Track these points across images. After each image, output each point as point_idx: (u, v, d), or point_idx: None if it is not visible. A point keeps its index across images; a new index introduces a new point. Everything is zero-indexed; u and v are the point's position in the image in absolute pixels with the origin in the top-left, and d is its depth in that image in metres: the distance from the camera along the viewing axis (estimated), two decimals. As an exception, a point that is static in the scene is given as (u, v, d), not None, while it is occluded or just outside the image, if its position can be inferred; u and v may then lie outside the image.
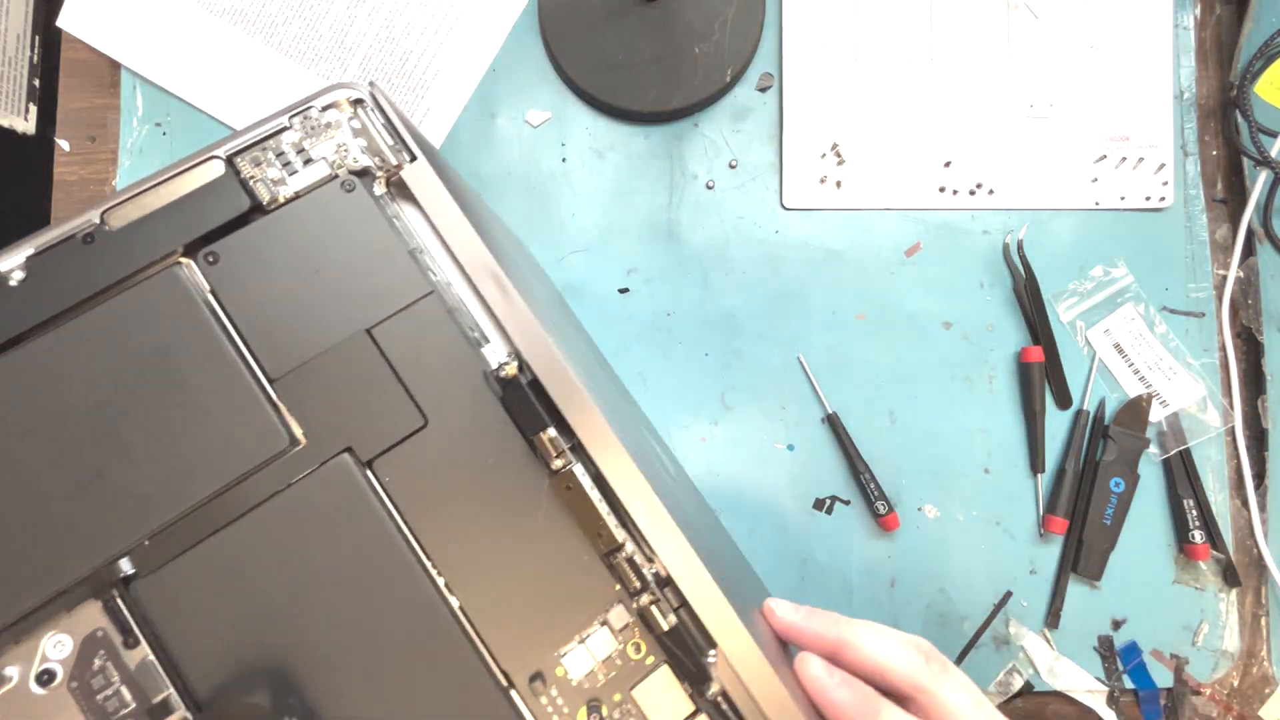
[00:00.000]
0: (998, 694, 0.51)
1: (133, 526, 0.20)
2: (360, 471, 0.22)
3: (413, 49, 0.53)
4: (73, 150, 0.54)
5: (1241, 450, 0.53)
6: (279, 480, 0.21)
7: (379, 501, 0.22)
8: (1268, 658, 0.52)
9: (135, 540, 0.20)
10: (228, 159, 0.23)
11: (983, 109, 0.54)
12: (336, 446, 0.22)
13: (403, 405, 0.22)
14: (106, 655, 0.20)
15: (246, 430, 0.21)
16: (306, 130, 0.24)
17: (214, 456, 0.21)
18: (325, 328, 0.22)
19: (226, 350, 0.22)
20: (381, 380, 0.22)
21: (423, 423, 0.22)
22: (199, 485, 0.21)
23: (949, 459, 0.52)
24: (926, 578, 0.51)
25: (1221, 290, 0.54)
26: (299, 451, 0.21)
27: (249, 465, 0.21)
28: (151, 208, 0.22)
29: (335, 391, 0.22)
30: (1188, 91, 0.55)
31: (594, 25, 0.52)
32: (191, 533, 0.21)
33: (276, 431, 0.21)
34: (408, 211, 0.24)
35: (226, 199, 0.23)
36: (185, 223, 0.22)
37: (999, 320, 0.54)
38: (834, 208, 0.54)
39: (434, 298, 0.23)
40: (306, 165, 0.23)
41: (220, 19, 0.53)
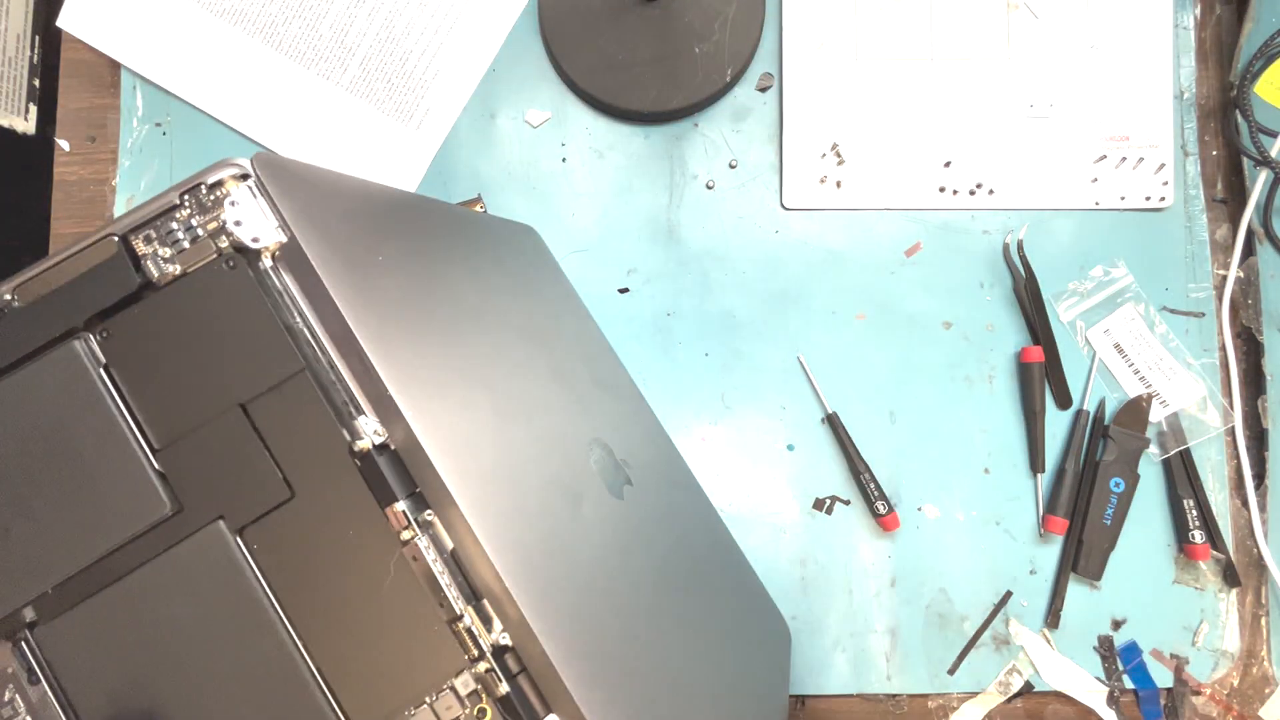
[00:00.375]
0: (998, 694, 0.51)
1: (36, 579, 0.23)
2: (232, 538, 0.24)
3: (413, 49, 0.53)
4: (73, 150, 0.54)
5: (1241, 450, 0.53)
6: (160, 543, 0.23)
7: (248, 566, 0.23)
8: (1268, 658, 0.52)
9: (38, 591, 0.23)
10: (121, 238, 0.25)
11: (983, 109, 0.54)
12: (211, 515, 0.24)
13: (272, 478, 0.24)
14: (15, 689, 0.23)
15: (133, 497, 0.23)
16: (196, 206, 0.25)
17: (105, 519, 0.23)
18: (205, 401, 0.24)
19: (116, 422, 0.24)
20: (254, 453, 0.24)
21: (289, 495, 0.24)
22: (93, 545, 0.23)
23: (949, 459, 0.52)
24: (926, 578, 0.51)
25: (1221, 290, 0.54)
26: (177, 518, 0.24)
27: (135, 529, 0.23)
28: (54, 285, 0.24)
29: (211, 463, 0.24)
30: (1188, 91, 0.55)
31: (594, 25, 0.52)
32: (86, 586, 0.23)
33: (159, 499, 0.23)
34: (291, 282, 0.25)
35: (119, 277, 0.24)
36: (83, 300, 0.24)
37: (999, 320, 0.54)
38: (834, 208, 0.54)
39: (304, 375, 0.24)
40: (194, 242, 0.25)
41: (220, 19, 0.53)
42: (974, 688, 0.51)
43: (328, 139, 0.53)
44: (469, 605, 0.23)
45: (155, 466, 0.24)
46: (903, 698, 0.51)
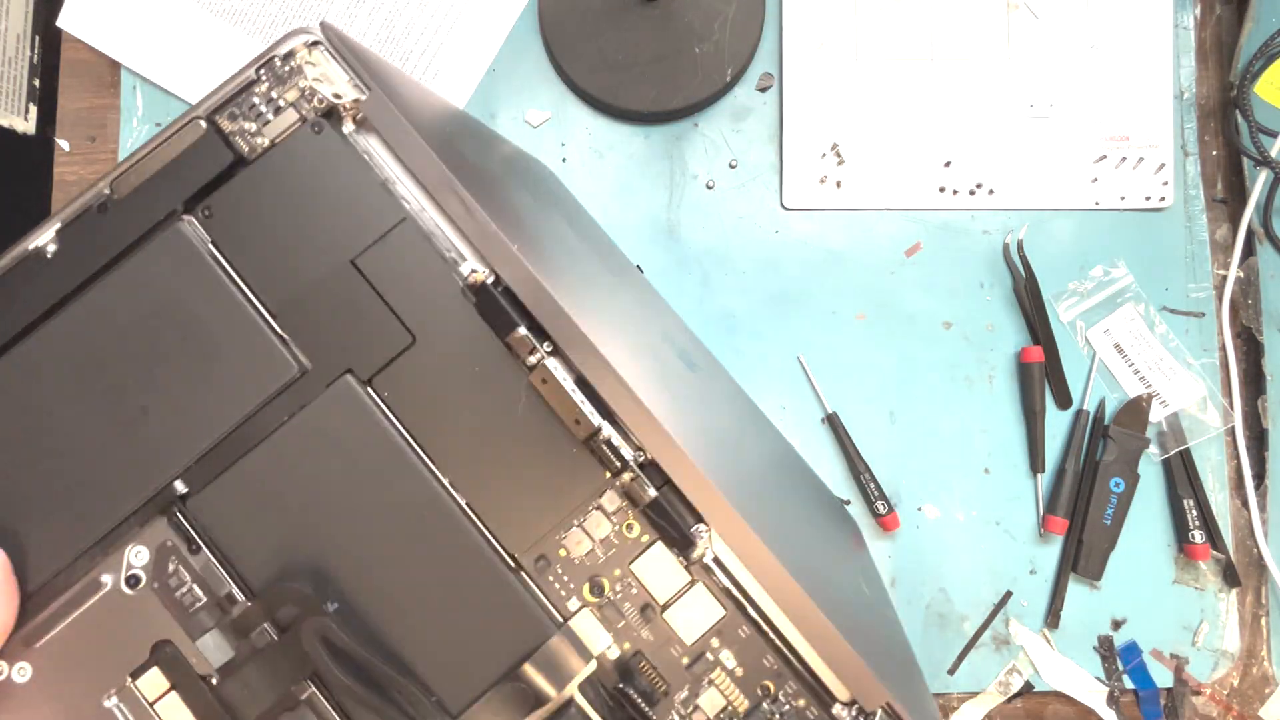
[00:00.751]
0: (998, 694, 0.51)
1: (181, 453, 0.24)
2: (362, 389, 0.24)
3: (413, 49, 0.53)
4: (73, 150, 0.54)
5: (1241, 450, 0.53)
6: (294, 403, 0.24)
7: (382, 414, 0.24)
8: (1268, 658, 0.52)
9: (185, 464, 0.24)
10: (208, 118, 0.25)
11: (983, 109, 0.54)
12: (338, 369, 0.24)
13: (392, 326, 0.24)
14: (177, 560, 0.24)
15: (261, 362, 0.24)
16: (273, 79, 0.25)
17: (237, 387, 0.24)
18: (314, 262, 0.25)
19: (233, 295, 0.24)
20: (370, 305, 0.25)
21: (411, 340, 0.24)
22: (230, 412, 0.24)
23: (949, 459, 0.52)
24: (926, 578, 0.51)
25: (1221, 290, 0.54)
26: (307, 377, 0.24)
27: (267, 392, 0.24)
28: (149, 172, 0.25)
29: (331, 320, 0.25)
30: (1188, 91, 0.55)
31: (594, 25, 0.52)
32: (230, 453, 0.24)
33: (285, 361, 0.24)
34: (375, 144, 0.25)
35: (212, 156, 0.25)
36: (180, 183, 0.25)
37: (999, 320, 0.54)
38: (834, 208, 0.54)
39: (408, 224, 0.25)
40: (277, 114, 0.25)
41: (220, 19, 0.53)
42: (974, 688, 0.51)
43: (328, 139, 0.53)
44: (605, 419, 0.24)
45: (277, 330, 0.24)
46: (903, 698, 0.51)
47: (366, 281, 0.25)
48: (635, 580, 0.24)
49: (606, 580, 0.24)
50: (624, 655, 0.24)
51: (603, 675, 0.24)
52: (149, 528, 0.24)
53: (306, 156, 0.25)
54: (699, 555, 0.24)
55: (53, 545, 0.24)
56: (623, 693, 0.23)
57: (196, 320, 0.24)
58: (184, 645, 0.24)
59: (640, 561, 0.24)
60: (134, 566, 0.24)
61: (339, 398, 0.24)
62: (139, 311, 0.24)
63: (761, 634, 0.24)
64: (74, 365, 0.24)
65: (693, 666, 0.24)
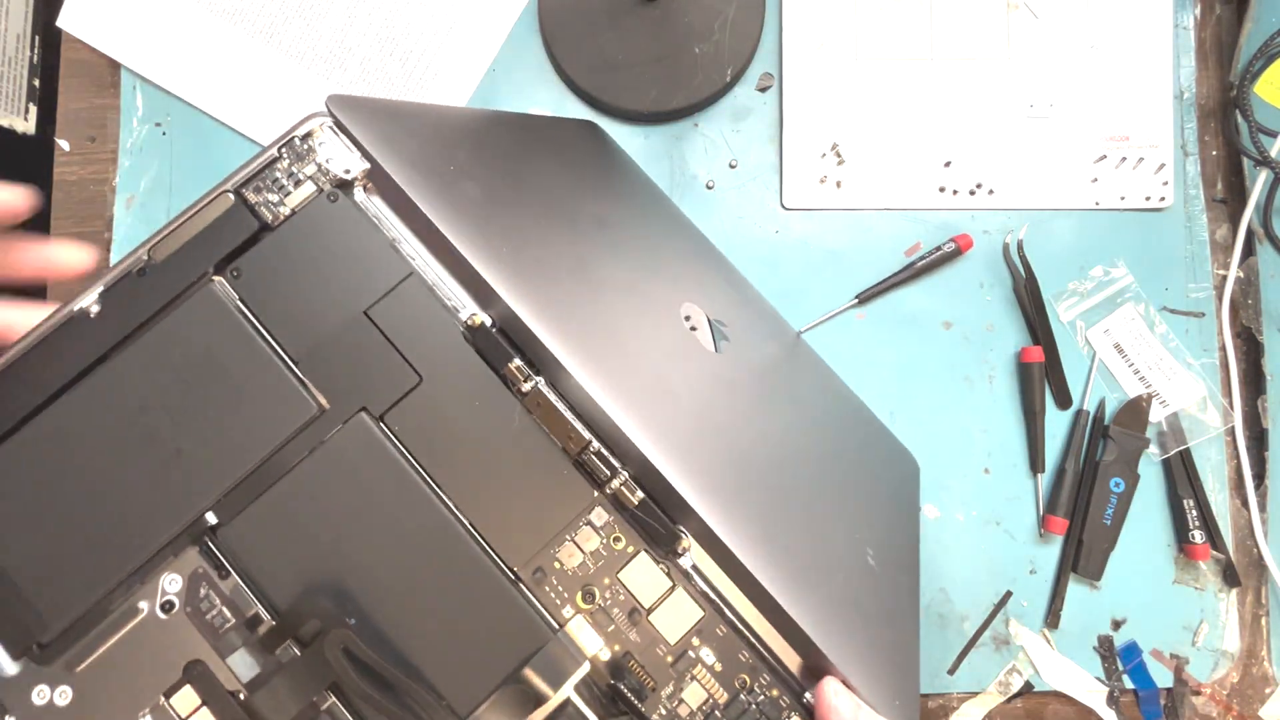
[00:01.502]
0: (998, 694, 0.51)
1: (211, 487, 0.26)
2: (375, 425, 0.27)
3: (413, 49, 0.53)
4: (73, 150, 0.54)
5: (1241, 450, 0.53)
6: (314, 439, 0.27)
7: (393, 447, 0.27)
8: (1268, 658, 0.52)
9: (215, 498, 0.26)
10: (235, 191, 0.28)
11: (983, 109, 0.54)
12: (354, 408, 0.27)
13: (401, 368, 0.27)
14: (208, 586, 0.26)
15: (283, 404, 0.27)
16: (292, 156, 0.29)
17: (262, 427, 0.27)
18: (331, 314, 0.28)
19: (258, 344, 0.27)
20: (381, 350, 0.27)
21: (419, 379, 0.27)
22: (256, 450, 0.26)
23: (949, 459, 0.52)
24: (926, 578, 0.51)
25: (1221, 290, 0.54)
26: (325, 416, 0.27)
27: (290, 430, 0.27)
28: (184, 239, 0.28)
29: (346, 364, 0.27)
30: (1188, 91, 0.55)
31: (594, 25, 0.52)
32: (256, 487, 0.26)
33: (306, 402, 0.27)
34: (383, 206, 0.29)
35: (239, 225, 0.28)
36: (210, 248, 0.28)
37: (999, 320, 0.54)
38: (834, 208, 0.54)
39: (414, 278, 0.28)
40: (297, 186, 0.28)
41: (220, 19, 0.53)
42: (974, 688, 0.51)
43: (328, 139, 0.53)
44: (594, 435, 0.27)
45: (298, 375, 0.27)
46: (903, 698, 0.51)
47: (378, 329, 0.27)
48: (623, 587, 0.27)
49: (597, 588, 0.27)
50: (615, 656, 0.26)
51: (596, 675, 0.26)
52: (182, 557, 0.26)
53: (323, 222, 0.28)
54: (684, 548, 0.26)
55: (94, 575, 0.26)
56: (615, 690, 0.25)
57: (225, 369, 0.27)
58: (214, 664, 0.25)
59: (626, 570, 0.27)
60: (168, 593, 0.26)
61: (354, 433, 0.27)
62: (174, 363, 0.27)
63: (736, 632, 0.27)
64: (116, 412, 0.27)
65: (676, 664, 0.26)
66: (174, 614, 0.26)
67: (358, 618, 0.26)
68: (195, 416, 0.26)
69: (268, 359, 0.27)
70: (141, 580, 0.26)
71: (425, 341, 0.27)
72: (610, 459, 0.27)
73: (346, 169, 0.28)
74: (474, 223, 0.28)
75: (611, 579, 0.27)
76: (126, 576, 0.26)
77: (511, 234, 0.31)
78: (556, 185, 0.39)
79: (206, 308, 0.27)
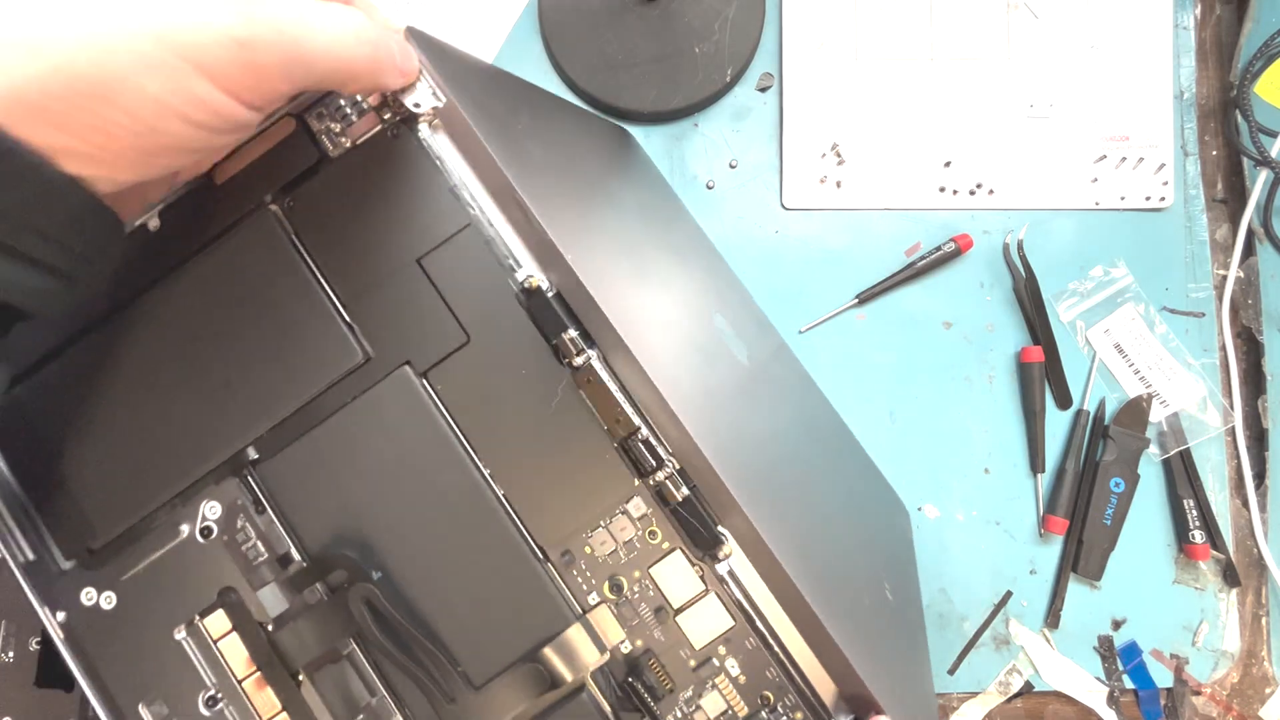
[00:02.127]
0: (998, 694, 0.51)
1: (256, 423, 0.26)
2: (418, 381, 0.26)
3: (413, 49, 0.53)
4: (73, 150, 0.54)
5: (1241, 450, 0.53)
6: (357, 387, 0.26)
7: (434, 406, 0.26)
8: (1268, 658, 0.52)
9: (258, 433, 0.26)
10: (298, 116, 0.27)
11: (983, 109, 0.54)
12: (398, 360, 0.26)
13: (449, 325, 0.26)
14: (245, 518, 0.26)
15: (330, 347, 0.26)
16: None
17: (308, 368, 0.26)
18: (384, 258, 0.27)
19: (310, 282, 0.26)
20: (431, 303, 0.26)
21: (466, 339, 0.26)
22: (300, 390, 0.26)
23: (949, 459, 0.52)
24: (926, 578, 0.51)
25: (1221, 290, 0.54)
26: (369, 365, 0.26)
27: (334, 376, 0.26)
28: (245, 162, 0.27)
29: (395, 313, 0.26)
30: (1188, 91, 0.55)
31: (594, 25, 0.52)
32: (298, 427, 0.26)
33: (352, 349, 0.26)
34: (448, 148, 0.27)
35: (300, 153, 0.27)
36: (270, 175, 0.27)
37: (999, 320, 0.54)
38: (834, 208, 0.54)
39: (471, 229, 0.27)
40: (361, 116, 0.27)
41: (220, 19, 0.53)
42: (974, 688, 0.51)
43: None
44: (643, 421, 0.26)
45: (346, 319, 0.26)
46: (903, 698, 0.51)
47: (430, 281, 0.26)
48: (653, 583, 0.26)
49: (625, 580, 0.26)
50: (635, 651, 0.26)
51: (614, 667, 0.26)
52: (223, 485, 0.27)
53: (383, 159, 0.27)
54: (726, 554, 0.25)
55: (142, 493, 0.26)
56: (631, 686, 0.25)
57: (274, 303, 0.26)
58: (245, 594, 0.26)
59: (659, 566, 0.26)
60: (208, 519, 0.27)
61: (396, 387, 0.26)
62: (227, 291, 0.27)
63: (767, 647, 0.26)
64: (169, 336, 0.27)
65: (699, 670, 0.26)
66: (212, 540, 0.26)
67: (383, 572, 0.26)
68: (243, 349, 0.26)
69: (317, 298, 0.26)
70: (184, 503, 0.27)
71: (477, 299, 0.26)
72: (658, 448, 0.25)
73: (416, 103, 0.26)
74: (538, 183, 0.27)
75: (642, 573, 0.26)
76: (171, 498, 0.26)
77: (568, 204, 0.29)
78: (604, 175, 0.38)
79: (259, 236, 0.27)
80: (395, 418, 0.26)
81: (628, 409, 0.25)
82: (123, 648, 0.26)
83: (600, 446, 0.26)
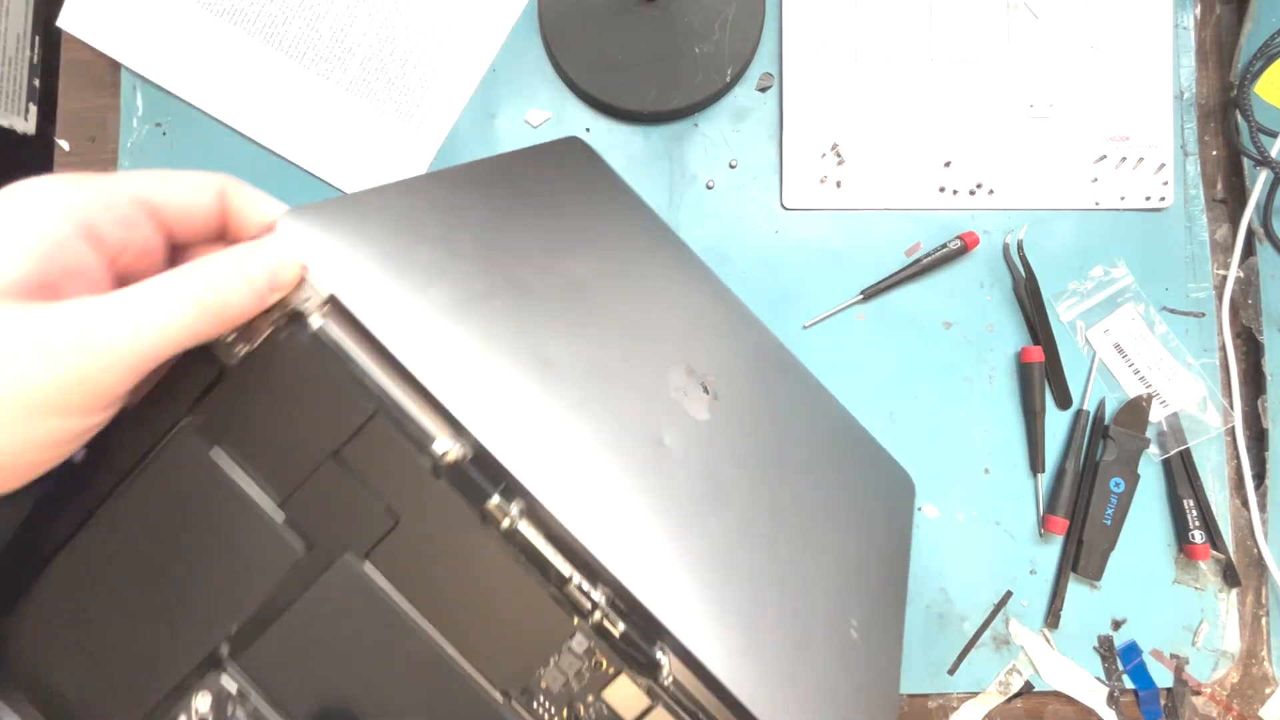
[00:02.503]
0: (998, 694, 0.51)
1: (222, 624, 0.28)
2: (359, 566, 0.27)
3: (413, 49, 0.53)
4: (73, 150, 0.54)
5: (1241, 450, 0.53)
6: (306, 579, 0.28)
7: (378, 586, 0.27)
8: (1268, 658, 0.52)
9: (224, 634, 0.28)
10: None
11: (983, 109, 0.54)
12: (338, 550, 0.27)
13: (378, 509, 0.27)
14: (234, 704, 0.28)
15: (271, 547, 0.27)
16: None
17: (257, 569, 0.28)
18: (304, 456, 0.27)
19: (241, 492, 0.27)
20: (357, 492, 0.27)
21: (395, 521, 0.27)
22: (254, 591, 0.28)
23: (949, 459, 0.52)
24: (926, 578, 0.51)
25: (1221, 290, 0.54)
26: (312, 555, 0.27)
27: (282, 571, 0.28)
28: (150, 385, 0.28)
29: (325, 507, 0.27)
30: (1188, 91, 0.55)
31: (594, 25, 0.52)
32: (263, 621, 0.28)
33: (290, 547, 0.27)
34: (344, 335, 0.27)
35: (201, 368, 0.27)
36: (177, 395, 0.27)
37: (999, 320, 0.54)
38: (834, 208, 0.54)
39: (381, 415, 0.27)
40: (251, 322, 0.27)
41: (220, 19, 0.53)
42: (974, 688, 0.51)
43: (328, 139, 0.53)
44: (574, 568, 0.27)
45: (282, 518, 0.28)
46: (903, 698, 0.51)
47: (351, 471, 0.27)
48: (606, 705, 0.28)
49: (582, 705, 0.28)
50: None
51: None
52: (208, 679, 0.29)
53: (280, 359, 0.26)
54: (664, 677, 0.27)
55: (134, 699, 0.28)
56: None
57: (212, 514, 0.27)
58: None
59: (609, 690, 0.28)
60: (201, 710, 0.29)
61: (341, 574, 0.27)
62: (165, 512, 0.28)
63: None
64: (120, 560, 0.28)
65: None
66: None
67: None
68: (194, 562, 0.28)
69: (250, 504, 0.27)
70: (181, 698, 0.29)
71: (399, 479, 0.27)
72: (591, 593, 0.27)
73: (306, 297, 0.26)
74: (444, 336, 0.27)
75: (595, 697, 0.28)
76: (164, 697, 0.28)
77: (488, 328, 0.30)
78: (539, 236, 0.37)
79: (182, 456, 0.27)
80: (345, 601, 0.28)
81: (556, 563, 0.27)
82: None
83: (538, 595, 0.27)
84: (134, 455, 0.28)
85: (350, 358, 0.26)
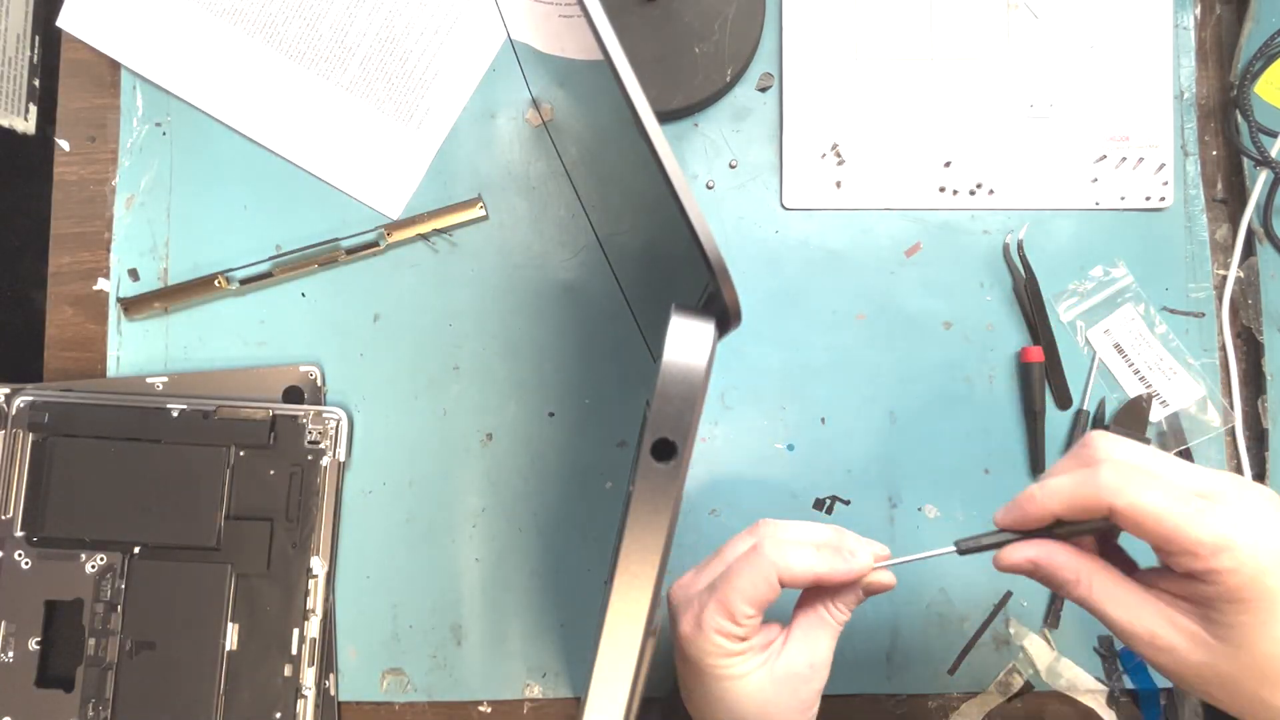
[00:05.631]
0: (998, 694, 0.51)
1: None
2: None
3: (413, 49, 0.53)
4: (73, 150, 0.54)
5: (1241, 450, 0.53)
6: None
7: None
8: (1268, 658, 0.52)
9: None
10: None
11: (983, 109, 0.54)
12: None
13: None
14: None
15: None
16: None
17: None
18: None
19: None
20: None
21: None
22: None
23: (949, 459, 0.52)
24: (927, 578, 0.51)
25: (1221, 290, 0.54)
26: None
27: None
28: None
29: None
30: (1188, 91, 0.55)
31: (594, 25, 0.52)
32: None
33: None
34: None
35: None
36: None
37: (999, 320, 0.54)
38: (834, 208, 0.54)
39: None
40: None
41: (220, 19, 0.53)
42: (974, 688, 0.51)
43: (327, 139, 0.53)
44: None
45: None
46: (903, 697, 0.51)
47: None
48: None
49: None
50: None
51: None
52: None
53: None
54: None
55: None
56: None
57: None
58: None
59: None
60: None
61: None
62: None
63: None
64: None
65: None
66: None
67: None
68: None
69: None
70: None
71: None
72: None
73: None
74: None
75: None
76: None
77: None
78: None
79: None
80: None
81: None
82: None
83: None
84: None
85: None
